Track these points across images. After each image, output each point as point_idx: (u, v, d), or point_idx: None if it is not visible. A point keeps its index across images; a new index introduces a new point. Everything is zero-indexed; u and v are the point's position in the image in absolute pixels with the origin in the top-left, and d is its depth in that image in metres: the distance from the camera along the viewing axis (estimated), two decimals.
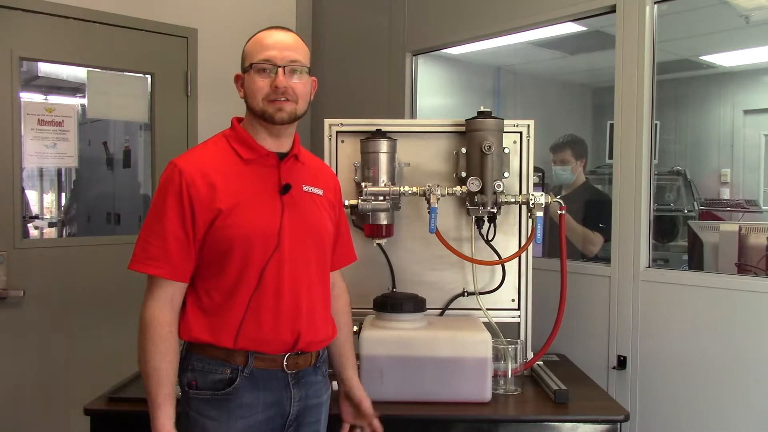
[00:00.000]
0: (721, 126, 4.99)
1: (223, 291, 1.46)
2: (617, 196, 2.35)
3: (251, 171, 1.51)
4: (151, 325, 1.43)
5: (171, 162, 1.49)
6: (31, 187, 3.06)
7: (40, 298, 2.73)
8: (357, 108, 3.28)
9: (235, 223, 1.45)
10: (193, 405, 1.46)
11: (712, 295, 2.13)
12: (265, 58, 1.49)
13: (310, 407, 1.56)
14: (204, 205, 1.44)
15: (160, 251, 1.43)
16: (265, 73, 1.49)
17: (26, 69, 2.82)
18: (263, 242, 1.47)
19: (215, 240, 1.45)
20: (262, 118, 1.51)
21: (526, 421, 1.83)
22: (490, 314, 2.12)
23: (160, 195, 1.46)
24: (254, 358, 1.47)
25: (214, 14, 3.25)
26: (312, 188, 1.59)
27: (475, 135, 2.01)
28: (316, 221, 1.57)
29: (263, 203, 1.49)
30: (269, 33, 1.53)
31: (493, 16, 2.77)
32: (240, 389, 1.46)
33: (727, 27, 4.02)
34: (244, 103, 1.54)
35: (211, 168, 1.47)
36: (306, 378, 1.55)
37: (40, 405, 2.74)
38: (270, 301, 1.47)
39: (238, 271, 1.46)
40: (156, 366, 1.41)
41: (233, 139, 1.54)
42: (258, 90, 1.49)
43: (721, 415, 2.11)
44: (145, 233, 1.46)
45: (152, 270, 1.44)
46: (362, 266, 2.15)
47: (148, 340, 1.42)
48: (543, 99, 4.92)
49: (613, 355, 2.35)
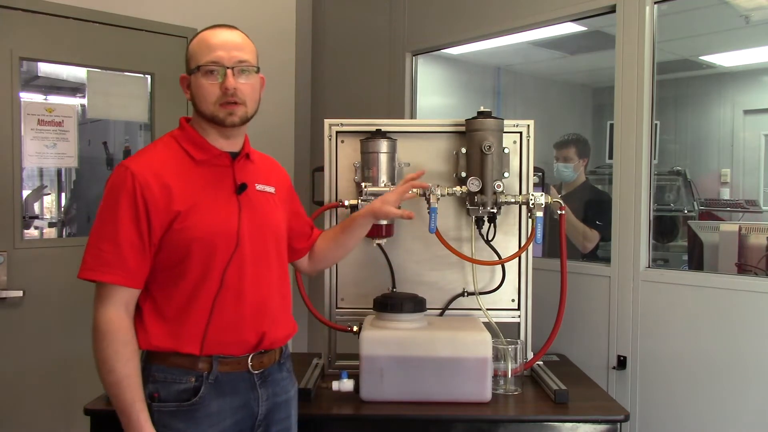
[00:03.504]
0: (721, 126, 4.99)
1: (183, 295, 1.42)
2: (617, 196, 2.35)
3: (204, 172, 1.48)
4: (110, 331, 1.37)
5: (121, 164, 1.43)
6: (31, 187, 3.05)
7: (40, 298, 2.72)
8: (357, 108, 3.27)
9: (193, 225, 1.41)
10: (158, 418, 1.40)
11: (712, 295, 2.13)
12: (212, 59, 1.45)
13: (278, 404, 1.55)
14: (159, 208, 1.40)
15: (114, 257, 1.38)
16: (213, 75, 1.45)
17: (26, 69, 2.82)
18: (223, 243, 1.44)
19: (173, 243, 1.41)
20: (212, 121, 1.48)
21: (526, 421, 1.82)
22: (490, 314, 2.12)
23: (111, 199, 1.41)
24: (218, 363, 1.44)
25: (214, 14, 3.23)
26: (264, 187, 1.58)
27: (475, 135, 2.01)
28: (271, 219, 1.56)
29: (220, 204, 1.47)
30: (215, 32, 1.49)
31: (493, 16, 2.77)
32: (206, 397, 1.43)
33: (727, 27, 4.02)
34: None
35: (163, 169, 1.43)
36: (272, 376, 1.54)
37: (40, 405, 2.74)
38: (233, 303, 1.45)
39: (199, 274, 1.42)
40: (125, 373, 1.37)
41: (183, 140, 1.50)
42: (207, 94, 1.45)
43: (721, 415, 2.11)
44: (96, 239, 1.40)
45: (107, 277, 1.38)
46: (362, 266, 2.16)
47: (109, 348, 1.36)
48: (543, 99, 4.92)
49: (613, 355, 2.35)
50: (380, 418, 1.81)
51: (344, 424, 1.86)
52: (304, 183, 3.45)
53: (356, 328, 1.98)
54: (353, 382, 1.89)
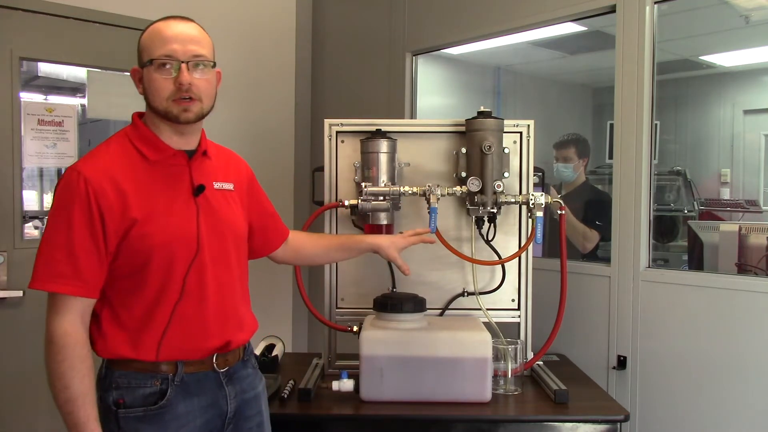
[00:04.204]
0: (721, 126, 4.99)
1: (143, 303, 1.37)
2: (617, 196, 2.35)
3: (160, 173, 1.41)
4: (66, 345, 1.30)
5: (72, 168, 1.34)
6: (31, 187, 3.05)
7: (40, 298, 2.70)
8: (357, 108, 3.27)
9: (152, 232, 1.35)
10: (124, 424, 1.36)
11: (712, 295, 2.13)
12: (166, 53, 1.37)
13: (247, 401, 1.52)
14: (115, 215, 1.33)
15: (69, 267, 1.31)
16: (167, 69, 1.37)
17: (26, 69, 2.81)
18: (183, 249, 1.39)
19: (132, 251, 1.35)
20: (165, 117, 1.40)
21: (526, 421, 1.83)
22: (490, 314, 2.12)
23: (63, 206, 1.33)
24: (183, 364, 1.40)
25: (214, 14, 3.25)
26: (222, 184, 1.51)
27: (475, 135, 2.01)
28: (230, 219, 1.50)
29: (178, 208, 1.40)
30: (168, 24, 1.40)
31: (493, 16, 2.77)
32: (173, 400, 1.39)
33: (727, 27, 4.02)
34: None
35: (118, 173, 1.35)
36: (237, 373, 1.51)
37: (40, 405, 2.74)
38: (194, 309, 1.41)
39: (160, 282, 1.37)
40: (81, 391, 1.31)
41: (136, 139, 1.42)
42: (161, 89, 1.38)
43: (721, 415, 2.11)
44: (48, 248, 1.32)
45: (62, 288, 1.31)
46: (362, 266, 2.16)
47: (65, 363, 1.30)
48: (543, 99, 4.92)
49: (613, 355, 2.35)
50: (380, 418, 1.81)
51: (344, 424, 1.86)
52: (304, 183, 3.46)
53: (356, 328, 1.97)
54: (353, 382, 1.89)
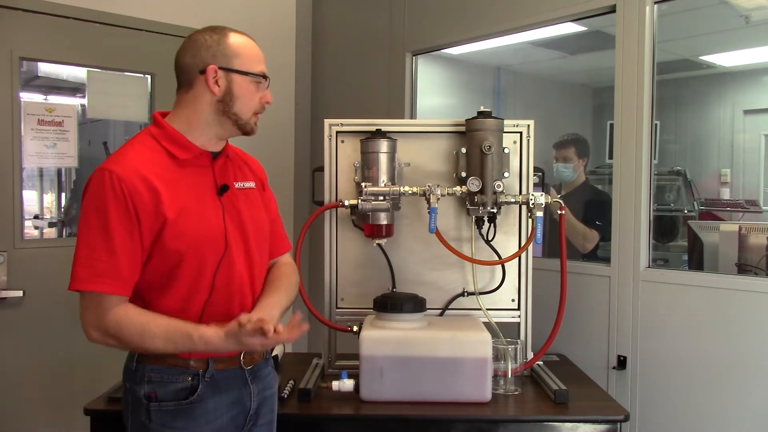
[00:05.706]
0: (721, 126, 4.99)
1: (175, 300, 1.41)
2: (617, 196, 2.35)
3: (187, 172, 1.45)
4: (124, 322, 1.34)
5: (102, 168, 1.36)
6: (31, 187, 3.05)
7: (40, 298, 2.72)
8: (357, 108, 3.27)
9: (184, 231, 1.39)
10: (155, 417, 1.41)
11: (712, 295, 2.13)
12: (262, 71, 1.48)
13: (266, 399, 1.57)
14: (149, 213, 1.35)
15: (109, 266, 1.33)
16: (261, 85, 1.49)
17: (26, 69, 2.81)
18: (213, 247, 1.43)
19: (165, 250, 1.38)
20: (241, 126, 1.48)
21: (526, 421, 1.83)
22: (490, 314, 2.12)
23: (99, 206, 1.34)
24: (214, 361, 1.44)
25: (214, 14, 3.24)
26: (243, 183, 1.57)
27: (475, 135, 2.01)
28: (254, 217, 1.55)
29: (205, 207, 1.45)
30: (253, 42, 1.51)
31: (493, 16, 2.77)
32: (203, 395, 1.43)
33: (727, 27, 4.02)
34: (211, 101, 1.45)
35: (148, 172, 1.37)
36: (260, 371, 1.56)
37: (40, 405, 2.74)
38: (224, 306, 1.45)
39: (191, 279, 1.41)
40: (165, 324, 1.35)
41: (163, 138, 1.44)
42: (253, 102, 1.48)
43: (721, 414, 2.11)
44: (87, 249, 1.34)
45: (104, 287, 1.34)
46: (362, 266, 2.16)
47: (132, 328, 1.34)
48: (543, 99, 4.92)
49: (613, 355, 2.35)
50: (380, 418, 1.81)
51: (344, 424, 1.86)
52: (304, 183, 3.46)
53: (356, 328, 1.97)
54: (353, 382, 1.89)
